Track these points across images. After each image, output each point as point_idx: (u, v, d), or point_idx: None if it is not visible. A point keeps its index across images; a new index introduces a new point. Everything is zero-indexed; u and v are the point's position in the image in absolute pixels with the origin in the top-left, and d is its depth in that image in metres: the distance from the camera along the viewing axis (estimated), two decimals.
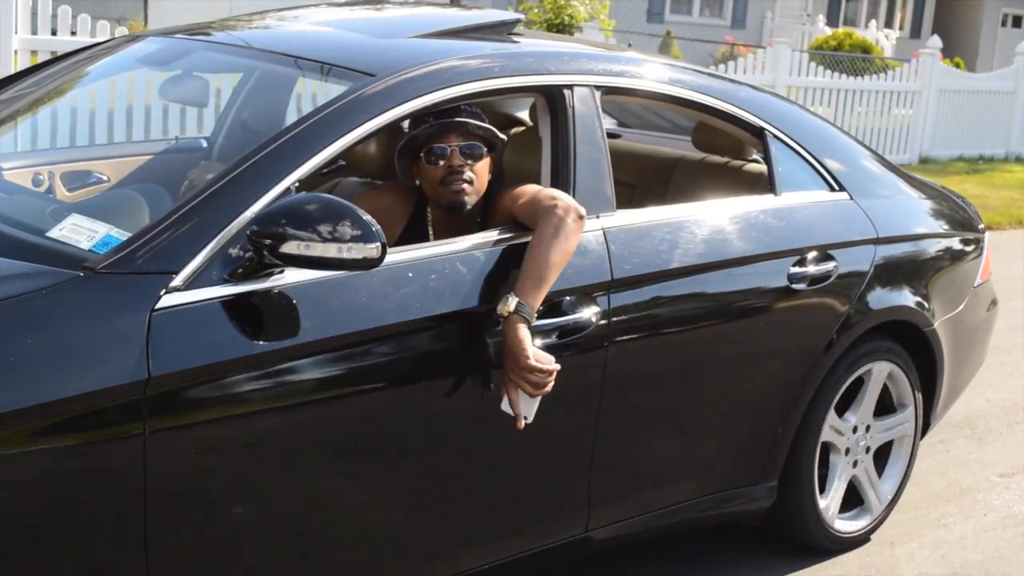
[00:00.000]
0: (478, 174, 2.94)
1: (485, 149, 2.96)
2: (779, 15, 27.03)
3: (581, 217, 2.84)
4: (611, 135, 3.38)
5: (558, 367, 2.68)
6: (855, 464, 3.85)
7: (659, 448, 3.28)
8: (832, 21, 27.54)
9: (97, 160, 3.84)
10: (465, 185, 2.91)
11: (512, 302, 2.67)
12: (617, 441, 3.11)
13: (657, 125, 4.84)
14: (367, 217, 2.41)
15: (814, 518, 3.72)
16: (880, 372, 3.79)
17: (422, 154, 2.94)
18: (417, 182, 3.00)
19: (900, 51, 25.54)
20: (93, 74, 3.80)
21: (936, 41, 14.98)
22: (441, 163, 2.91)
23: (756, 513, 3.63)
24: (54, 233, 2.54)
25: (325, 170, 3.03)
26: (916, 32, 30.37)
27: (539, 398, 2.70)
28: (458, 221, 2.94)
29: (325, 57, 3.02)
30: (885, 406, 3.93)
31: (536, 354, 2.66)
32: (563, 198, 2.86)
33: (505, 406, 2.70)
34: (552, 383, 2.68)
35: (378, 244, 2.40)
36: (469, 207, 2.93)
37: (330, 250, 2.37)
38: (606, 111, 3.22)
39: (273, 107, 3.91)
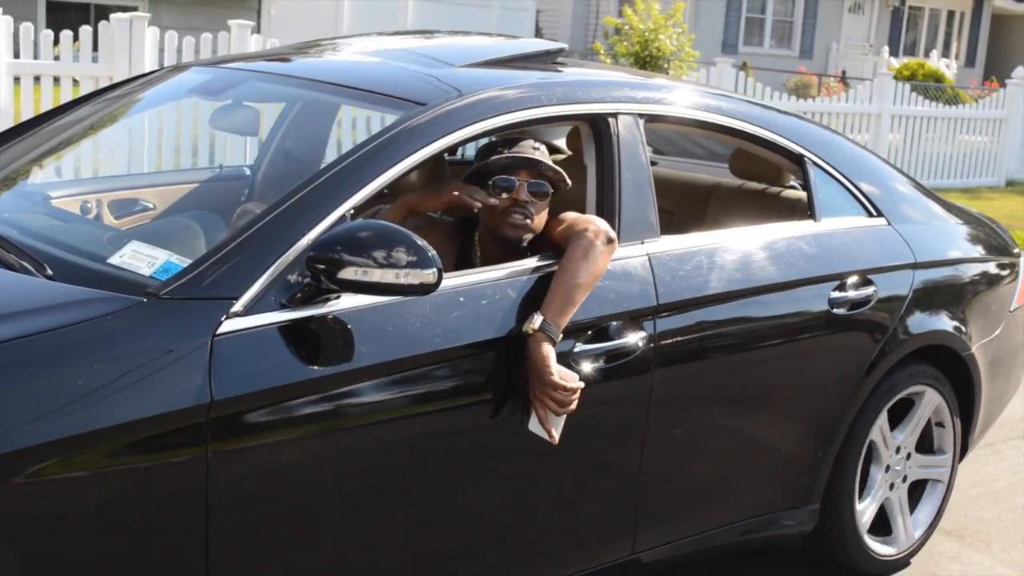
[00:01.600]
0: (538, 212, 2.96)
1: (551, 190, 3.01)
2: (843, 46, 27.37)
3: (611, 241, 2.88)
4: None
5: (582, 385, 2.69)
6: (891, 487, 3.87)
7: (703, 471, 3.31)
8: (894, 51, 27.81)
9: (143, 188, 3.90)
10: (528, 221, 2.94)
11: (537, 320, 2.69)
12: (662, 464, 3.14)
13: (692, 152, 4.88)
14: (422, 243, 2.44)
15: (855, 541, 3.73)
16: (926, 399, 3.84)
17: (490, 183, 2.98)
18: (476, 209, 3.03)
19: (958, 80, 25.99)
20: (144, 103, 3.87)
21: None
22: (506, 195, 2.96)
23: (798, 536, 3.64)
24: (115, 260, 2.59)
25: None
26: (971, 61, 30.62)
27: (564, 416, 2.70)
28: (506, 249, 2.97)
29: (375, 87, 3.06)
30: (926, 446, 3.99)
31: (560, 371, 2.67)
32: (595, 222, 2.90)
33: (533, 426, 2.71)
34: (576, 400, 2.68)
35: (434, 270, 2.43)
36: (523, 245, 2.96)
37: (387, 276, 2.40)
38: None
39: (317, 136, 3.97)
